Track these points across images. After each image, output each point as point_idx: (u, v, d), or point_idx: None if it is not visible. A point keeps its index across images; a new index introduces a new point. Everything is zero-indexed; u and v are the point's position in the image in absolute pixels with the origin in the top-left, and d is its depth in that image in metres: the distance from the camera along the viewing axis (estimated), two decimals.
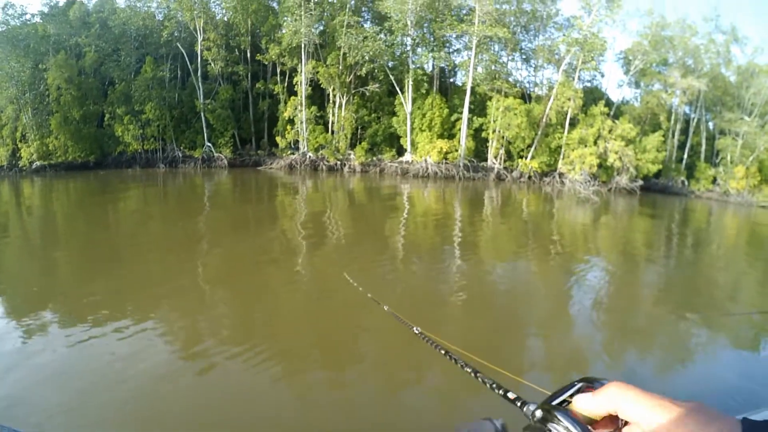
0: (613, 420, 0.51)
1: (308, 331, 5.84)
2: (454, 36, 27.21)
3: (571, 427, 0.49)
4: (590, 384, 0.54)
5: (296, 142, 26.68)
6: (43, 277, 8.23)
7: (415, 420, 3.97)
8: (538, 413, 0.53)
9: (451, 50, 27.89)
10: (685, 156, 31.00)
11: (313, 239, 11.17)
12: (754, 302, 8.18)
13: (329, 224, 13.45)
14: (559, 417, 0.50)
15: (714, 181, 29.62)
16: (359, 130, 26.55)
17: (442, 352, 0.82)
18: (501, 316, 6.63)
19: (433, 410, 4.18)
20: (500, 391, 0.60)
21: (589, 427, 0.49)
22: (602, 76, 32.24)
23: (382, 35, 25.86)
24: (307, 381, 4.66)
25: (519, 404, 0.60)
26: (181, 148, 28.34)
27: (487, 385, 0.66)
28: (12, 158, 30.82)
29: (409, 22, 25.43)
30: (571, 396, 0.54)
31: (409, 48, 26.38)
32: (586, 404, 0.52)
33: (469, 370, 0.73)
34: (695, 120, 31.69)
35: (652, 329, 6.54)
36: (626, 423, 0.50)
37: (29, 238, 13.06)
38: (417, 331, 1.19)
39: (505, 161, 26.65)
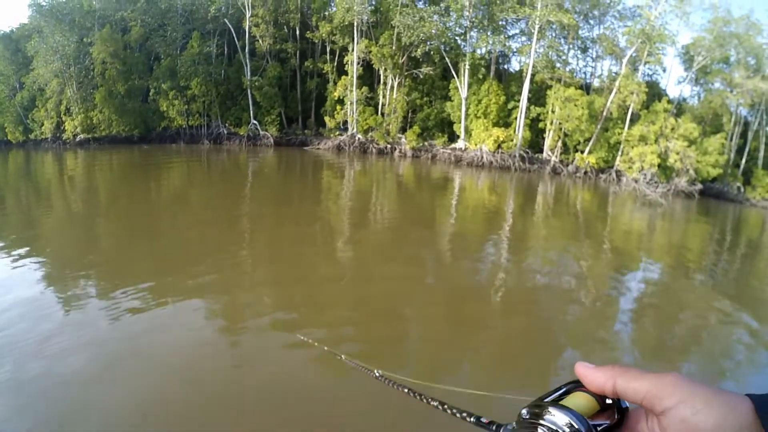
0: (611, 412, 0.47)
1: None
2: (511, 20, 26.01)
3: (566, 417, 0.42)
4: (581, 385, 0.48)
5: (345, 122, 25.73)
6: (84, 245, 8.64)
7: None
8: (525, 412, 0.46)
9: (507, 35, 26.71)
10: (743, 161, 29.16)
11: (355, 225, 11.09)
12: None
13: (374, 209, 12.90)
14: (551, 410, 0.44)
15: None
16: (410, 114, 25.48)
17: (405, 390, 0.77)
18: (523, 328, 6.00)
19: None
20: (472, 419, 0.54)
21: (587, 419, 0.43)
22: (664, 71, 30.53)
23: (436, 17, 24.82)
24: None
25: (494, 428, 0.52)
26: (227, 124, 27.76)
27: (458, 416, 0.59)
28: (56, 131, 30.68)
29: (467, 3, 24.32)
30: (564, 395, 0.48)
31: (465, 31, 25.26)
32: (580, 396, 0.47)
33: (435, 403, 0.66)
34: (755, 124, 29.79)
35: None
36: (624, 413, 0.47)
37: (71, 207, 12.95)
38: (378, 375, 1.06)
39: (561, 154, 25.32)
